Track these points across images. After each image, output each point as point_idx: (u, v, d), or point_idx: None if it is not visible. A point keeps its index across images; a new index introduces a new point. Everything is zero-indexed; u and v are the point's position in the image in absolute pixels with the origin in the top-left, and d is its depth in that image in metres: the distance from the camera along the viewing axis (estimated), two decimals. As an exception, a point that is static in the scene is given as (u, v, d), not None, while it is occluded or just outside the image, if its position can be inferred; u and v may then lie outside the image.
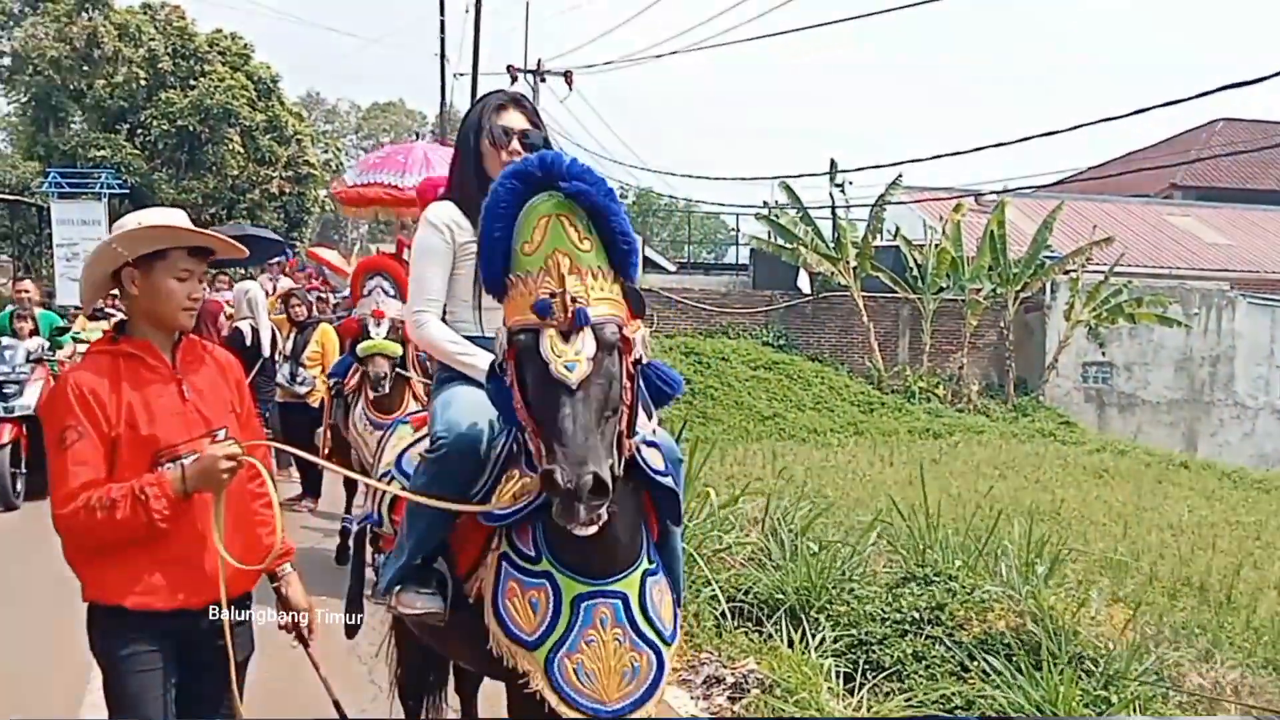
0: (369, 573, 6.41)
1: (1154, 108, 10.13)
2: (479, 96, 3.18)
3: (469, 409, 2.74)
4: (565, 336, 2.18)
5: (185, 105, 24.93)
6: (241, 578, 2.62)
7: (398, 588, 2.77)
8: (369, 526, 3.30)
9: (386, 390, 6.10)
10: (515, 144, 2.97)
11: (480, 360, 2.79)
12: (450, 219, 2.98)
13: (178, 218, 2.65)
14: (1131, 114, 11.36)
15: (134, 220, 2.61)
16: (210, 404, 2.66)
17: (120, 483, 2.44)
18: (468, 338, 2.95)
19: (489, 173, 2.91)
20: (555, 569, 2.48)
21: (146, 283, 2.57)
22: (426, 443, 2.85)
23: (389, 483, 3.12)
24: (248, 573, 2.62)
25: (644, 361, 2.34)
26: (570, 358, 2.16)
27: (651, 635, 2.52)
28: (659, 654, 2.53)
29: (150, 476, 2.45)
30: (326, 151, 31.22)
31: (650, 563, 2.59)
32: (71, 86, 24.78)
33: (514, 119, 3.01)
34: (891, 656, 4.94)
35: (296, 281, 13.26)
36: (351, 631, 3.25)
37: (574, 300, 2.18)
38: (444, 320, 3.01)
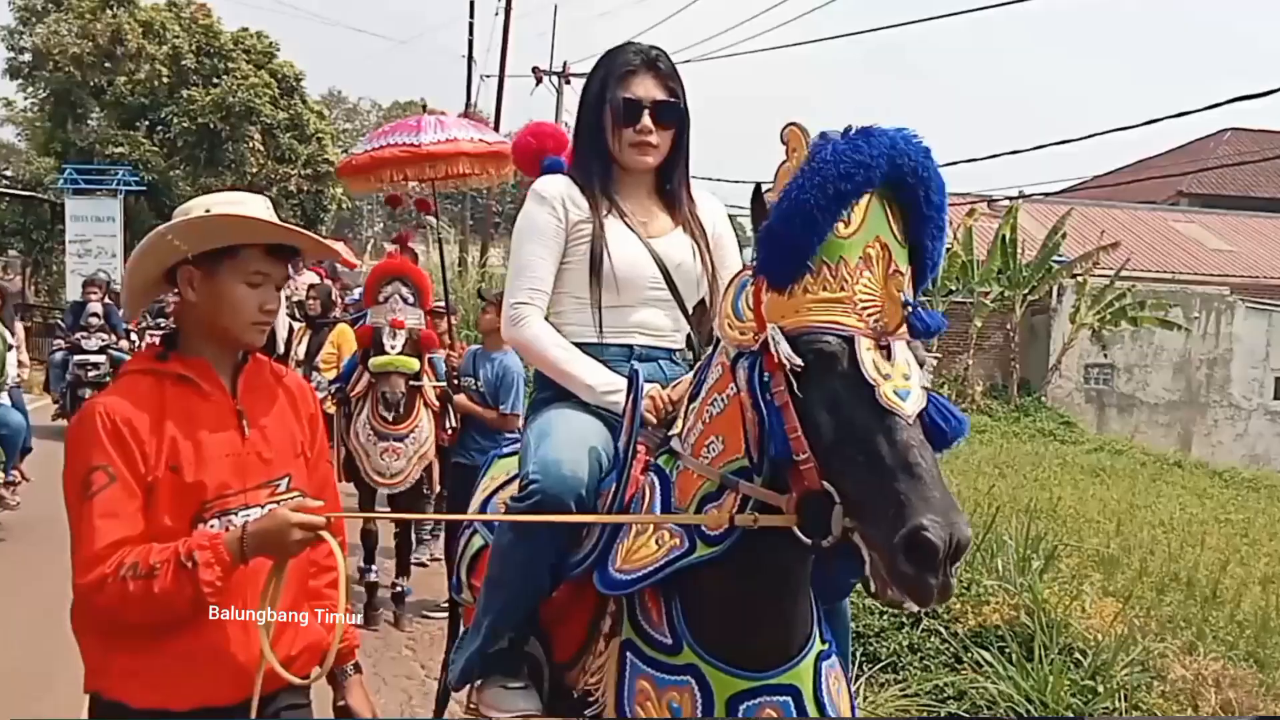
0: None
1: (1165, 119, 10.30)
2: (606, 52, 2.50)
3: (573, 442, 2.19)
4: (886, 353, 1.73)
5: (207, 103, 24.66)
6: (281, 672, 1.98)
7: (479, 681, 2.26)
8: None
9: (400, 413, 5.75)
10: (646, 120, 2.38)
11: (592, 375, 2.31)
12: (565, 194, 2.42)
13: (256, 205, 2.04)
14: (1143, 124, 11.60)
15: (200, 205, 2.01)
16: (274, 444, 2.06)
17: (161, 544, 1.86)
18: (578, 345, 2.39)
19: (613, 152, 2.43)
20: (702, 660, 1.94)
21: (209, 286, 1.98)
22: (515, 487, 2.26)
23: (471, 537, 2.54)
24: (292, 668, 1.99)
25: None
26: (900, 383, 1.70)
27: None
28: None
29: (200, 537, 1.87)
30: (345, 150, 31.34)
31: (824, 643, 2.07)
32: (92, 83, 24.49)
33: (646, 87, 2.39)
34: (888, 649, 5.05)
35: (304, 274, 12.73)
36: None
37: (908, 306, 1.75)
38: (547, 320, 2.46)
